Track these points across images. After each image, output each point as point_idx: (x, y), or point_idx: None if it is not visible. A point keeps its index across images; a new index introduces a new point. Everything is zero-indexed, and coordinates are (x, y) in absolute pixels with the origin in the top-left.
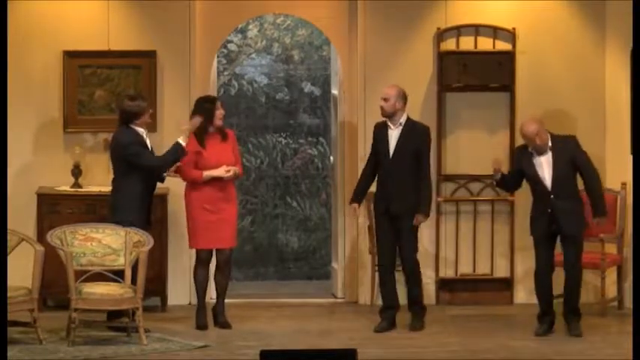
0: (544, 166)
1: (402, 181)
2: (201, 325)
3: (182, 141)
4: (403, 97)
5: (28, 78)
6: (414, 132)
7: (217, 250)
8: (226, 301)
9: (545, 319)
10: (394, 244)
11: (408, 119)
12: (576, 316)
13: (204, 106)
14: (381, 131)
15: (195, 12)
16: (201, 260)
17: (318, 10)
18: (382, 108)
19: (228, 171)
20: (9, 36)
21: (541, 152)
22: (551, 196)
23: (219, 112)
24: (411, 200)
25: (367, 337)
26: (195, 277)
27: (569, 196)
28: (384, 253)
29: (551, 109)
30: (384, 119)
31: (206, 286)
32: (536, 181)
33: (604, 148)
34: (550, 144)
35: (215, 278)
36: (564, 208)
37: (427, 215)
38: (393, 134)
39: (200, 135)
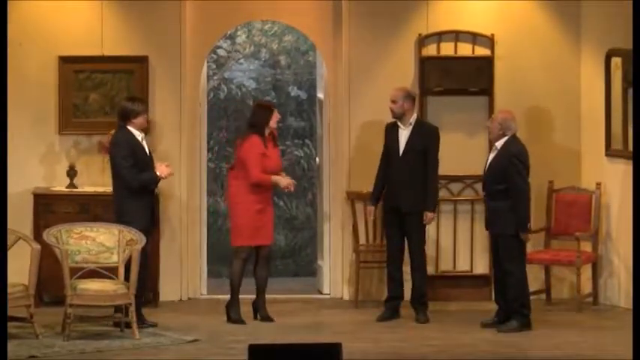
0: (488, 163)
1: (410, 179)
2: (238, 320)
3: (159, 174)
4: (410, 98)
5: (25, 81)
6: (423, 131)
7: (259, 246)
8: (218, 297)
9: None
10: (402, 240)
11: (418, 119)
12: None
13: (260, 112)
14: (392, 131)
15: (185, 19)
16: (247, 256)
17: (304, 17)
18: (391, 110)
19: (289, 183)
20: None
21: (491, 147)
22: (483, 193)
23: (275, 116)
24: (419, 198)
25: (351, 331)
26: (237, 272)
27: (494, 198)
28: (393, 248)
29: (528, 112)
30: (392, 120)
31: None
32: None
33: (579, 148)
34: (499, 144)
35: (257, 273)
36: (490, 207)
37: (434, 212)
38: (404, 134)
39: (263, 137)
